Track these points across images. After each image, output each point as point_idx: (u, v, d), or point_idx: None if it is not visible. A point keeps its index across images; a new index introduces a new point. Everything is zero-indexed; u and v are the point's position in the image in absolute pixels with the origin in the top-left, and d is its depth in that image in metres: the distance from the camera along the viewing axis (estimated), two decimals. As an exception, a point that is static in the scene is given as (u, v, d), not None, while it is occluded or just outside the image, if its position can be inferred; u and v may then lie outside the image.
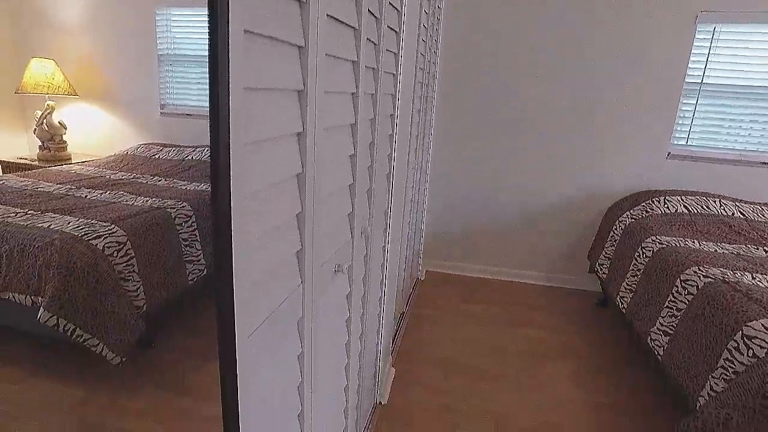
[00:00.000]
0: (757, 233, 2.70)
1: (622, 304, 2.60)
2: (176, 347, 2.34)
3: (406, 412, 2.04)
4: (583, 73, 3.19)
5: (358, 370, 1.51)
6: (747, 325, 1.65)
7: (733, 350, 1.65)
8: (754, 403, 1.48)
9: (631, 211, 3.02)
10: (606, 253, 3.03)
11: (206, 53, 0.53)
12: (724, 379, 1.64)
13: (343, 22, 0.95)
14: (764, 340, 1.58)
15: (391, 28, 1.39)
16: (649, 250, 2.50)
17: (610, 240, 3.02)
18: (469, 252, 3.58)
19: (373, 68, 1.25)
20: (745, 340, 1.62)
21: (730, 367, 1.64)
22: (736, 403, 1.53)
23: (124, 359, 1.99)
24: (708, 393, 1.69)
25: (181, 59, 3.64)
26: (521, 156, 3.37)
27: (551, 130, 3.30)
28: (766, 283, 1.99)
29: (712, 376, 1.69)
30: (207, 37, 0.52)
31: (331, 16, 0.86)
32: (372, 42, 1.19)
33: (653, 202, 3.02)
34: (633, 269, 2.59)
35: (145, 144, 3.73)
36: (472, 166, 3.43)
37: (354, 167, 1.17)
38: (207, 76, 0.53)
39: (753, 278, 2.03)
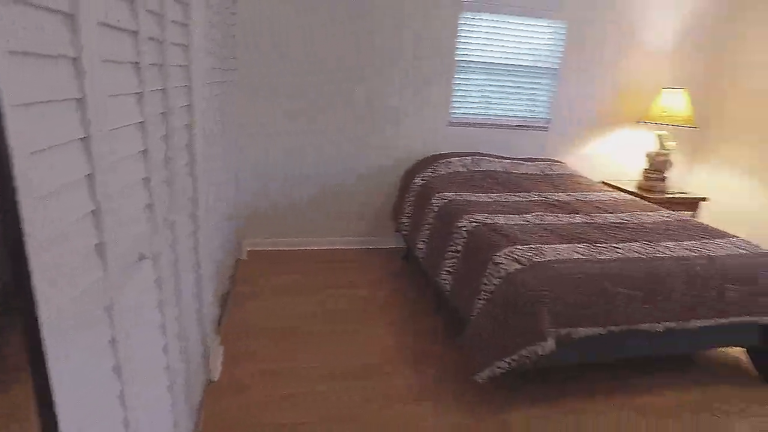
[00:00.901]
0: (513, 183, 3.38)
1: (419, 254, 3.06)
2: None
3: (237, 383, 2.19)
4: (377, 54, 3.53)
5: (179, 350, 1.61)
6: (496, 255, 2.15)
7: (488, 275, 2.14)
8: (497, 313, 1.97)
9: (422, 173, 3.50)
10: (406, 212, 3.47)
11: None
12: (484, 299, 2.13)
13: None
14: (505, 265, 2.08)
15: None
16: (437, 206, 2.98)
17: (408, 201, 3.47)
18: (288, 226, 3.77)
19: (157, 60, 1.32)
20: (494, 266, 2.12)
21: (487, 289, 2.13)
22: (488, 313, 2.01)
23: None
24: (476, 311, 2.17)
25: None
26: (327, 129, 3.63)
27: (354, 103, 3.60)
28: (512, 222, 2.56)
29: (477, 299, 2.17)
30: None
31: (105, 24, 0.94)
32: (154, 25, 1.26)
33: (439, 164, 3.54)
34: (425, 224, 3.05)
35: None
36: (280, 144, 3.58)
37: (148, 160, 1.25)
38: None
39: (506, 219, 2.59)
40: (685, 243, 2.44)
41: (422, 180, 3.41)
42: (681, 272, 2.19)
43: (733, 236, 2.62)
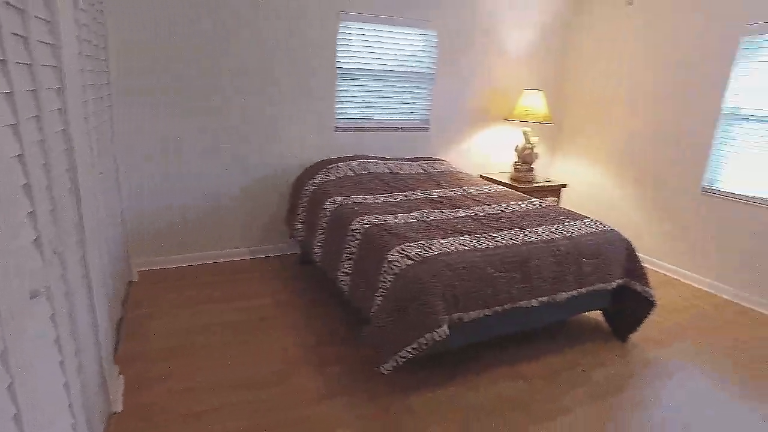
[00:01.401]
0: (398, 182, 3.59)
1: (316, 258, 3.14)
2: None
3: (143, 410, 2.13)
4: (265, 65, 3.54)
5: (80, 386, 1.55)
6: (388, 254, 2.32)
7: (383, 273, 2.30)
8: (395, 306, 2.14)
9: (312, 179, 3.58)
10: (299, 218, 3.53)
11: None
12: (382, 295, 2.28)
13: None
14: (398, 262, 2.25)
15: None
16: (329, 210, 3.08)
17: (301, 207, 3.53)
18: (180, 243, 3.65)
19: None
20: (388, 264, 2.28)
21: (383, 285, 2.28)
22: (386, 307, 2.17)
23: None
24: (375, 308, 2.32)
25: None
26: (212, 142, 3.57)
27: (238, 113, 3.58)
28: (401, 220, 2.75)
29: (376, 296, 2.32)
30: None
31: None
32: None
33: (328, 169, 3.64)
34: (320, 228, 3.14)
35: None
36: (165, 160, 3.46)
37: (32, 191, 1.21)
38: None
39: (395, 218, 2.78)
40: (550, 227, 2.80)
41: (313, 186, 3.49)
42: (548, 253, 2.52)
43: (587, 217, 3.04)
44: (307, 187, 3.52)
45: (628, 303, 2.89)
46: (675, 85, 3.91)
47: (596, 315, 3.21)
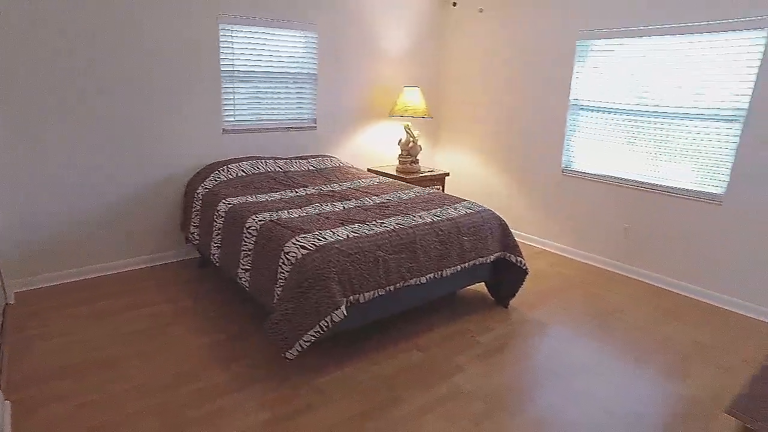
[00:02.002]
0: (290, 180, 3.70)
1: (215, 259, 3.17)
2: None
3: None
4: (147, 69, 3.44)
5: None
6: (285, 246, 2.44)
7: (282, 265, 2.42)
8: (295, 294, 2.27)
9: (204, 182, 3.57)
10: (194, 222, 3.51)
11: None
12: (281, 286, 2.40)
13: None
14: (294, 252, 2.39)
15: None
16: (223, 212, 3.12)
17: (195, 211, 3.51)
18: (69, 257, 3.45)
19: None
20: (285, 256, 2.41)
21: (282, 276, 2.40)
22: (287, 296, 2.30)
23: None
24: (276, 298, 2.43)
25: None
26: (97, 150, 3.41)
27: (127, 119, 3.45)
28: (295, 215, 2.88)
29: (276, 287, 2.44)
30: None
31: None
32: None
33: (219, 171, 3.65)
34: (216, 230, 3.16)
35: None
36: (45, 173, 3.25)
37: None
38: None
39: (288, 213, 2.90)
40: (432, 211, 3.09)
41: (205, 189, 3.49)
42: (432, 233, 2.79)
43: (466, 200, 3.38)
44: (199, 191, 3.51)
45: (506, 273, 3.27)
46: (530, 81, 4.43)
47: (480, 287, 3.57)
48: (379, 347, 2.78)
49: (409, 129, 4.65)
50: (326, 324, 2.28)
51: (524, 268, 3.20)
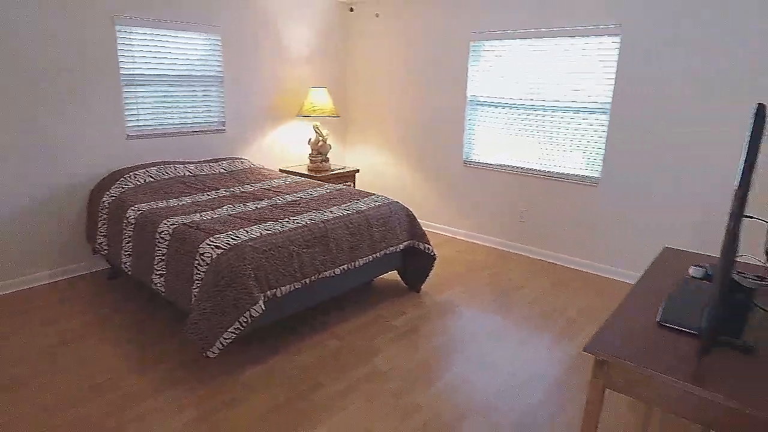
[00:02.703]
0: (201, 183, 3.70)
1: (126, 268, 3.11)
2: None
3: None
4: (42, 74, 3.26)
5: None
6: (199, 247, 2.49)
7: (197, 266, 2.46)
8: (212, 293, 2.33)
9: (110, 190, 3.47)
10: (101, 231, 3.41)
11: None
12: (198, 287, 2.45)
13: None
14: (209, 253, 2.44)
15: None
16: (133, 219, 3.07)
17: (101, 220, 3.41)
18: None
19: None
20: (200, 257, 2.46)
21: (199, 277, 2.45)
22: (204, 296, 2.35)
23: None
24: (194, 299, 2.47)
25: None
26: (-23, 164, 3.21)
27: (17, 127, 3.26)
28: (208, 217, 2.91)
29: (192, 288, 2.48)
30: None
31: None
32: None
33: (126, 178, 3.56)
34: (126, 238, 3.11)
35: None
36: None
37: None
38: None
39: (201, 216, 2.92)
40: (343, 206, 3.24)
41: (112, 197, 3.40)
42: (343, 226, 2.95)
43: (375, 194, 3.57)
44: (105, 199, 3.41)
45: (416, 260, 3.50)
46: (431, 80, 4.72)
47: (393, 274, 3.79)
48: (299, 339, 2.90)
49: (318, 128, 4.77)
50: (245, 320, 2.36)
51: (432, 254, 3.45)
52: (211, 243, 2.50)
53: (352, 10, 3.74)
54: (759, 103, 1.11)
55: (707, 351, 1.23)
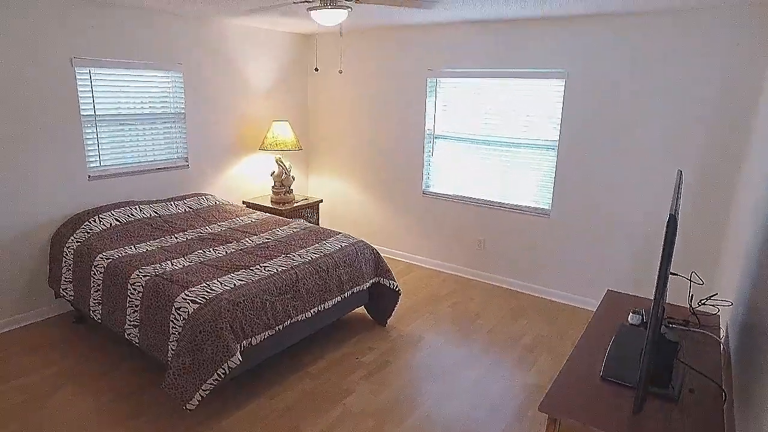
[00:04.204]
0: (168, 225, 3.74)
1: (95, 316, 3.12)
2: None
3: None
4: (-24, 122, 3.23)
5: None
6: (175, 301, 2.56)
7: (174, 320, 2.54)
8: (190, 347, 2.42)
9: (75, 234, 3.46)
10: (66, 277, 3.39)
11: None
12: (175, 340, 2.52)
13: None
14: (185, 308, 2.53)
15: None
16: (102, 267, 3.09)
17: (65, 265, 3.40)
18: None
19: None
20: (176, 311, 2.54)
21: (175, 331, 2.53)
22: (182, 351, 2.44)
23: None
24: (170, 353, 2.54)
25: None
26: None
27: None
28: (179, 265, 2.98)
29: (169, 341, 2.55)
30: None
31: None
32: None
33: (90, 222, 3.55)
34: (95, 286, 3.12)
35: None
36: None
37: None
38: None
39: (172, 264, 2.99)
40: (311, 248, 3.37)
41: (77, 242, 3.39)
42: (312, 272, 3.08)
43: (339, 233, 3.72)
44: (70, 244, 3.40)
45: (382, 295, 3.66)
46: (391, 113, 4.92)
47: (362, 310, 3.94)
48: (274, 381, 3.00)
49: (281, 162, 4.87)
50: (223, 372, 2.46)
51: (397, 290, 3.63)
52: (186, 297, 2.58)
53: (317, 70, 3.93)
54: (678, 169, 1.34)
55: (640, 409, 1.45)
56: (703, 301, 2.25)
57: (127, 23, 3.87)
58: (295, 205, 4.87)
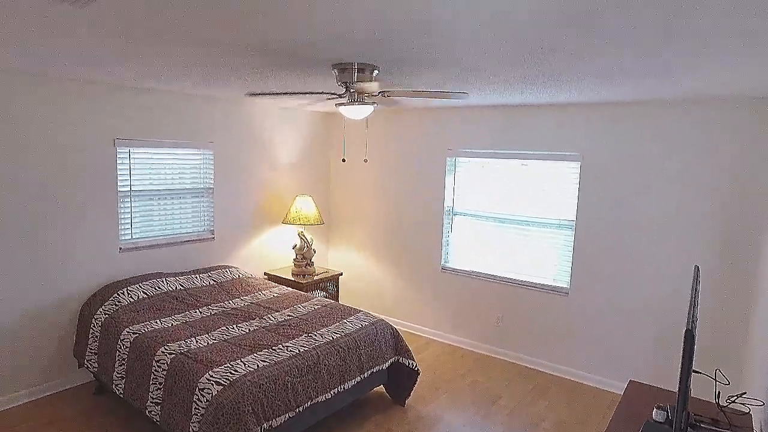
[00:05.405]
0: (193, 298, 3.83)
1: (118, 390, 3.16)
2: None
3: None
4: (41, 191, 3.42)
5: None
6: (199, 382, 2.61)
7: (197, 401, 2.57)
8: (210, 429, 2.44)
9: (103, 306, 3.56)
10: (91, 348, 3.46)
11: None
12: (197, 421, 2.54)
13: None
14: (209, 389, 2.57)
15: None
16: (128, 342, 3.17)
17: (92, 336, 3.47)
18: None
19: None
20: (200, 392, 2.57)
21: (198, 412, 2.55)
22: (204, 431, 2.45)
23: None
24: (191, 434, 2.56)
25: None
26: (-25, 287, 3.28)
27: (11, 241, 3.37)
28: (203, 342, 3.04)
29: (191, 422, 2.57)
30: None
31: None
32: None
33: (119, 294, 3.66)
34: (119, 360, 3.18)
35: None
36: None
37: None
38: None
39: (197, 342, 3.05)
40: (332, 326, 3.42)
41: (105, 314, 3.48)
42: (333, 352, 3.11)
43: (360, 311, 3.76)
44: (98, 316, 3.49)
45: (401, 374, 3.65)
46: (413, 190, 5.08)
47: (381, 389, 3.91)
48: (290, 464, 2.96)
49: (303, 235, 5.00)
50: (243, 455, 2.45)
51: (416, 369, 3.61)
52: (211, 378, 2.63)
53: (344, 160, 4.19)
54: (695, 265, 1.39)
55: None
56: (733, 399, 2.22)
57: (165, 106, 4.16)
58: (316, 277, 4.95)
